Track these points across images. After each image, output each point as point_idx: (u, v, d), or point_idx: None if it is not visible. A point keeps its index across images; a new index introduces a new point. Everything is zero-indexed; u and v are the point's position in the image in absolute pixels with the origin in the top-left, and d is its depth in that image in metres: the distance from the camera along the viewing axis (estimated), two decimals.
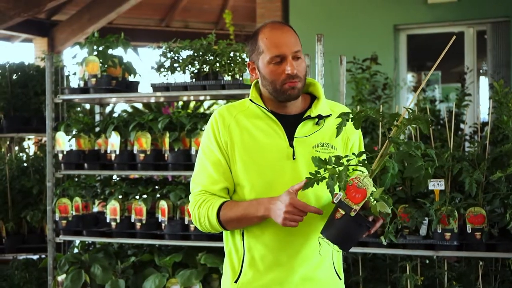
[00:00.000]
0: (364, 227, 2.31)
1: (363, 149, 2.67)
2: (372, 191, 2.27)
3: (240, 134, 2.54)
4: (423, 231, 4.25)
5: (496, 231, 4.07)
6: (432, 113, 7.50)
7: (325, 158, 2.32)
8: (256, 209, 2.43)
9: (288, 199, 2.34)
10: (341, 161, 2.30)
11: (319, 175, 2.30)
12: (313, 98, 2.65)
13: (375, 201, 2.29)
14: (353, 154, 2.40)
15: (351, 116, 2.31)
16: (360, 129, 2.49)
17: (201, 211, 2.54)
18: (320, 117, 2.56)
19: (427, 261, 4.73)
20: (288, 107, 2.57)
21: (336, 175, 2.27)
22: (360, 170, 2.50)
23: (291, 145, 2.52)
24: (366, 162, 2.35)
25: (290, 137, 2.53)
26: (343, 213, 2.27)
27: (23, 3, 6.68)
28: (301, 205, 2.33)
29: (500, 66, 8.89)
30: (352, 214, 2.25)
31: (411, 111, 2.27)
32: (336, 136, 2.39)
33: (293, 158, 2.50)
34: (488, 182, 4.16)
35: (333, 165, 2.29)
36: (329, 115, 2.59)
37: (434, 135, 4.78)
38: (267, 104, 2.58)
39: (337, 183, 2.27)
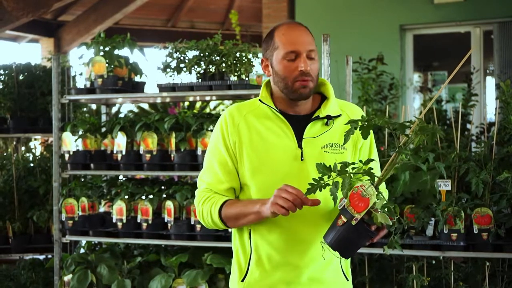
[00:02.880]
0: (366, 236, 2.28)
1: (374, 150, 2.66)
2: (374, 201, 2.24)
3: (249, 134, 2.54)
4: (429, 231, 4.24)
5: (503, 232, 4.06)
6: (439, 113, 7.49)
7: (329, 165, 2.30)
8: (253, 205, 2.44)
9: (283, 185, 2.33)
10: (346, 169, 2.27)
11: (322, 182, 2.28)
12: (323, 98, 2.65)
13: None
14: (360, 161, 2.36)
15: (359, 124, 2.28)
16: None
17: (204, 208, 2.55)
18: (329, 117, 2.55)
19: (434, 262, 4.72)
20: (298, 107, 2.57)
21: (340, 183, 2.25)
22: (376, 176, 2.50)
23: (300, 146, 2.51)
24: (372, 171, 2.31)
25: (299, 138, 2.52)
26: (345, 220, 2.24)
27: (29, 3, 6.68)
28: (293, 188, 2.30)
29: (507, 66, 8.86)
30: (353, 222, 2.22)
31: (420, 121, 2.24)
32: (344, 144, 2.40)
33: (301, 159, 2.49)
34: (495, 183, 4.15)
35: (338, 173, 2.27)
36: (338, 115, 2.58)
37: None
38: (277, 104, 2.58)
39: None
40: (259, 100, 2.60)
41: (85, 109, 7.03)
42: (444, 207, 4.08)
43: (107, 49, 5.29)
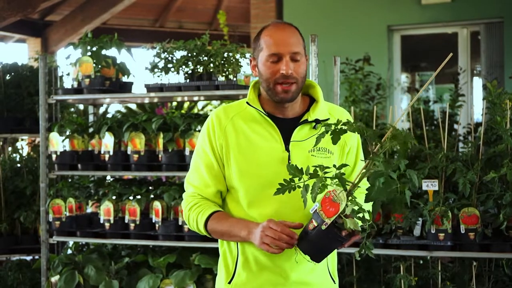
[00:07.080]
0: (336, 241, 2.27)
1: (361, 154, 2.65)
2: (345, 207, 2.21)
3: (236, 137, 2.53)
4: (417, 231, 4.25)
5: (489, 232, 4.08)
6: (426, 113, 7.51)
7: (301, 168, 2.28)
8: (240, 229, 2.45)
9: (266, 221, 2.35)
10: (318, 172, 2.24)
11: (293, 184, 2.27)
12: (312, 100, 2.64)
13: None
14: (334, 166, 2.30)
15: (332, 128, 2.24)
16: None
17: (191, 214, 2.57)
18: (317, 121, 2.55)
19: (421, 262, 4.73)
20: (286, 110, 2.56)
21: (311, 186, 2.22)
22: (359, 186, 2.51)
23: (287, 149, 2.50)
24: (343, 175, 2.26)
25: (287, 141, 2.51)
26: (316, 225, 2.24)
27: (16, 3, 6.64)
28: (276, 224, 2.32)
29: (494, 66, 8.91)
30: (323, 227, 2.21)
31: (394, 128, 2.20)
32: (315, 145, 2.39)
33: (288, 162, 2.48)
34: (482, 183, 4.17)
35: (310, 176, 2.25)
36: (327, 119, 2.57)
37: (428, 135, 4.79)
38: (264, 106, 2.57)
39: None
40: (247, 102, 2.59)
41: (72, 109, 6.99)
42: (432, 207, 4.10)
43: (94, 49, 5.27)
